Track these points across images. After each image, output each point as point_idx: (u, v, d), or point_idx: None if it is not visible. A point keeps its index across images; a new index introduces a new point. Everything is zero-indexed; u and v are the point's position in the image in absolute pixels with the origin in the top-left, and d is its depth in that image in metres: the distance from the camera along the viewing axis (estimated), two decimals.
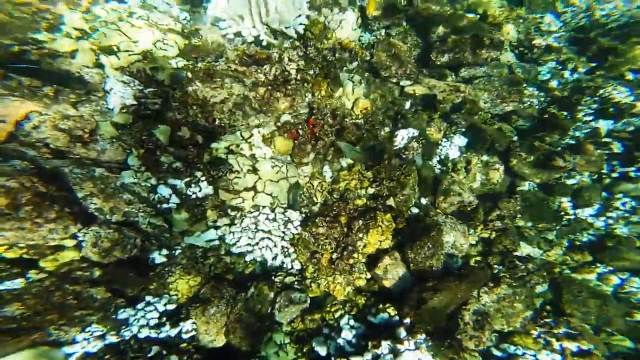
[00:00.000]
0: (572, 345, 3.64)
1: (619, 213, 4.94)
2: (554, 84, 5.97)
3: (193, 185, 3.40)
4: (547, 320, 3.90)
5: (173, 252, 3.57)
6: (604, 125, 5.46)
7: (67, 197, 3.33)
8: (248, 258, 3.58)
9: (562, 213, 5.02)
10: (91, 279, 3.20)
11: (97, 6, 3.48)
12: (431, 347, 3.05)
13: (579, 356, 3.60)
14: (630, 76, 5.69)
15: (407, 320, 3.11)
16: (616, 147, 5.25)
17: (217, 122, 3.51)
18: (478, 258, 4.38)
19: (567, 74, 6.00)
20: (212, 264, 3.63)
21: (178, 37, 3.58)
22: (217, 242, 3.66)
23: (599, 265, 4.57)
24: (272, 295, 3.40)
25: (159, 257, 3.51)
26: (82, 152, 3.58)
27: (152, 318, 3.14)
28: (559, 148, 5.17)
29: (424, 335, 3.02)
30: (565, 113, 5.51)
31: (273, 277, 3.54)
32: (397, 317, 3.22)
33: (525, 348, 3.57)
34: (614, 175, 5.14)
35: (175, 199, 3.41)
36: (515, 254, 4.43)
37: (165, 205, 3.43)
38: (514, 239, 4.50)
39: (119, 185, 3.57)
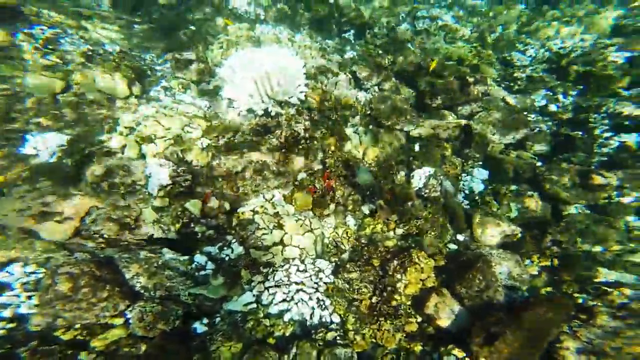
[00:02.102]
0: None
1: None
2: (553, 108, 5.97)
3: (225, 248, 3.45)
4: None
5: (213, 320, 3.46)
6: (630, 138, 5.15)
7: (117, 278, 3.52)
8: (286, 317, 3.35)
9: (637, 232, 4.38)
10: (137, 355, 3.11)
11: (142, 106, 4.25)
12: None
13: None
14: (624, 93, 5.66)
15: None
16: None
17: (240, 189, 3.75)
18: (548, 289, 3.76)
19: (561, 97, 6.04)
20: (252, 328, 3.42)
21: (202, 121, 4.17)
22: (254, 305, 3.52)
23: None
24: (314, 353, 3.03)
25: (200, 327, 3.41)
26: (129, 238, 3.87)
27: None
28: (593, 167, 4.87)
29: None
30: (580, 133, 5.34)
31: (313, 335, 3.21)
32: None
33: None
34: None
35: (210, 265, 3.44)
36: (597, 280, 3.77)
37: (202, 273, 3.45)
38: (588, 265, 3.90)
39: (161, 264, 3.72)
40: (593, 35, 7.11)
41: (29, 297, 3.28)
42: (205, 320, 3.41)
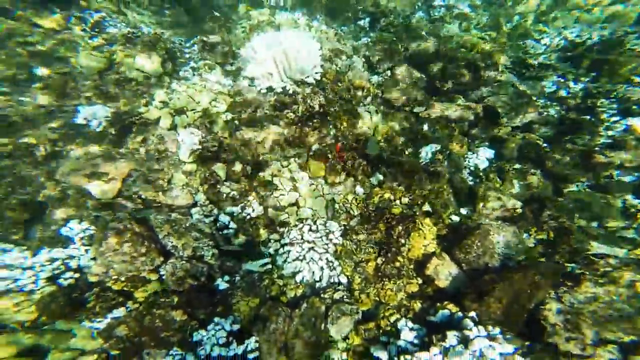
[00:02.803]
0: None
1: None
2: (563, 93, 5.83)
3: (247, 207, 3.72)
4: None
5: (233, 278, 3.73)
6: (636, 122, 5.04)
7: (152, 236, 3.84)
8: (298, 278, 3.58)
9: (633, 210, 4.36)
10: (171, 304, 3.46)
11: (174, 82, 4.55)
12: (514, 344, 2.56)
13: None
14: (637, 79, 5.46)
15: (473, 314, 2.73)
16: None
17: (260, 157, 3.99)
18: (541, 259, 3.83)
19: (571, 84, 5.90)
20: (267, 286, 3.68)
21: (226, 97, 4.43)
22: (270, 266, 3.77)
23: None
24: (323, 308, 3.26)
25: (222, 284, 3.68)
26: (162, 199, 4.21)
27: (221, 337, 3.20)
28: (596, 148, 4.81)
29: (499, 329, 2.59)
30: (587, 117, 5.24)
31: (322, 294, 3.45)
32: (460, 313, 2.84)
33: None
34: None
35: (233, 225, 3.71)
36: (589, 253, 3.82)
37: (225, 232, 3.73)
38: (581, 238, 3.94)
39: (189, 225, 4.04)
40: (614, 24, 6.82)
41: (86, 251, 3.70)
42: (227, 278, 3.68)
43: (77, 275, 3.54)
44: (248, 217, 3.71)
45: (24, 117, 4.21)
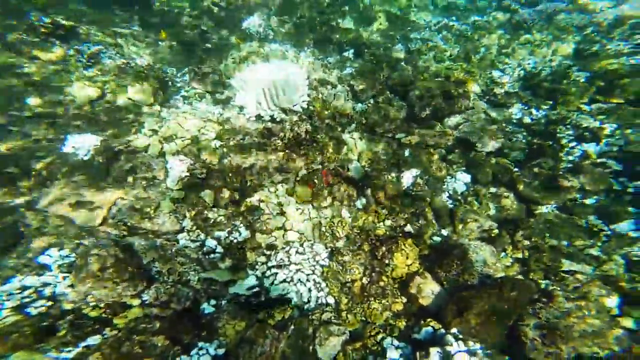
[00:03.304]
0: None
1: None
2: (527, 120, 6.36)
3: (234, 232, 3.76)
4: None
5: (220, 302, 3.70)
6: (590, 147, 5.56)
7: (136, 262, 3.81)
8: (286, 300, 3.59)
9: (596, 229, 4.69)
10: (153, 330, 3.36)
11: (164, 110, 4.68)
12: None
13: None
14: (585, 107, 6.14)
15: (454, 330, 2.82)
16: (614, 165, 5.22)
17: (248, 183, 4.10)
18: (519, 277, 4.03)
19: (534, 111, 6.44)
20: (255, 310, 3.66)
21: (215, 125, 4.58)
22: (257, 289, 3.77)
23: None
24: (311, 330, 3.28)
25: (208, 308, 3.64)
26: (148, 226, 4.20)
27: None
28: (560, 172, 5.23)
29: (479, 345, 2.69)
30: (550, 142, 5.72)
31: (310, 316, 3.47)
32: (442, 330, 2.93)
33: None
34: (630, 190, 4.91)
35: (220, 249, 3.74)
36: (560, 270, 4.05)
37: (212, 256, 3.75)
38: (553, 257, 4.20)
39: (174, 251, 4.03)
40: (559, 57, 7.62)
41: (64, 278, 3.60)
42: (213, 302, 3.64)
43: (49, 303, 3.39)
44: (235, 240, 3.75)
45: (9, 147, 4.20)
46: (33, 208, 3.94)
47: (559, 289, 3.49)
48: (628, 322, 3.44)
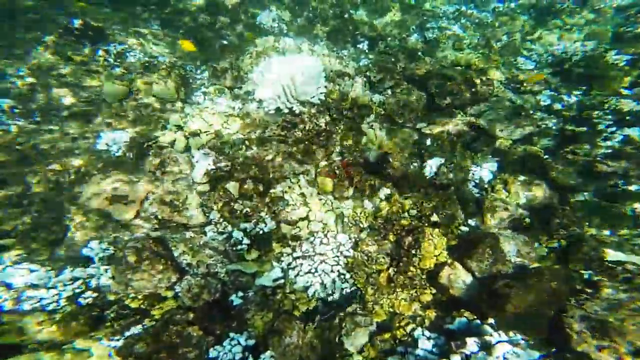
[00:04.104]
0: None
1: None
2: (558, 106, 5.95)
3: (260, 223, 3.75)
4: None
5: (247, 293, 3.72)
6: (634, 132, 5.09)
7: (168, 254, 3.89)
8: (310, 292, 3.55)
9: None
10: (187, 320, 3.43)
11: (187, 107, 4.76)
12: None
13: None
14: (624, 92, 5.67)
15: (491, 320, 2.65)
16: None
17: (271, 175, 4.08)
18: (556, 267, 3.75)
19: (565, 97, 6.02)
20: (280, 301, 3.64)
21: (237, 119, 4.62)
22: (282, 281, 3.75)
23: None
24: (337, 320, 3.21)
25: (236, 299, 3.67)
26: (177, 219, 4.27)
27: (237, 352, 3.18)
28: (598, 158, 4.83)
29: (520, 336, 2.51)
30: (584, 128, 5.31)
31: (335, 306, 3.40)
32: (477, 320, 2.76)
33: None
34: None
35: (246, 240, 3.74)
36: (605, 260, 3.74)
37: (239, 247, 3.75)
38: (594, 246, 3.88)
39: (202, 244, 4.08)
40: (595, 41, 7.07)
41: (106, 270, 3.73)
42: (241, 294, 3.69)
43: (96, 294, 3.58)
44: (261, 232, 3.73)
45: (51, 144, 4.39)
46: (75, 202, 4.10)
47: (605, 279, 3.20)
48: None
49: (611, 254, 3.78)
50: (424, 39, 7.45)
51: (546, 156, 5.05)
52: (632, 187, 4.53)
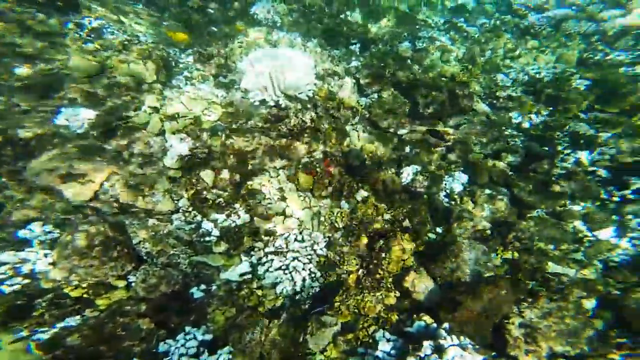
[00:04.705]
0: None
1: (638, 233, 4.76)
2: (526, 125, 6.48)
3: (233, 215, 3.74)
4: (622, 340, 3.44)
5: (210, 287, 3.67)
6: (583, 155, 5.71)
7: (126, 241, 3.74)
8: (278, 289, 3.59)
9: (581, 235, 4.86)
10: (138, 312, 3.32)
11: (167, 90, 4.59)
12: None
13: None
14: (582, 116, 6.28)
15: (446, 325, 2.88)
16: (603, 174, 5.39)
17: (250, 166, 4.07)
18: (507, 277, 4.13)
19: (534, 116, 6.56)
20: (246, 296, 3.65)
21: (218, 107, 4.52)
22: (249, 276, 3.76)
23: None
24: (303, 320, 3.29)
25: (197, 292, 3.60)
26: (141, 205, 4.13)
27: (191, 347, 3.09)
28: (553, 178, 5.36)
29: (469, 340, 2.75)
30: (546, 148, 5.85)
31: (303, 305, 3.49)
32: (434, 324, 2.98)
33: None
34: (615, 199, 5.09)
35: (216, 232, 3.71)
36: (546, 272, 4.19)
37: (207, 239, 3.71)
38: (540, 259, 4.33)
39: (166, 232, 3.98)
40: (562, 65, 7.74)
41: (45, 255, 3.50)
42: (203, 287, 3.60)
43: (27, 281, 3.27)
44: (233, 224, 3.72)
45: None
46: (16, 178, 3.81)
47: (544, 290, 3.62)
48: (598, 324, 3.61)
49: (552, 267, 4.25)
50: (414, 47, 7.76)
51: (511, 172, 5.51)
52: (575, 207, 5.12)
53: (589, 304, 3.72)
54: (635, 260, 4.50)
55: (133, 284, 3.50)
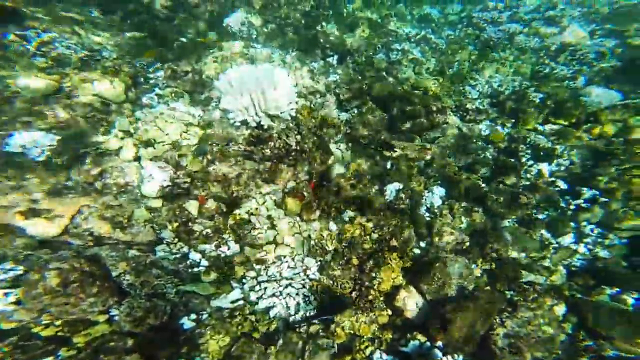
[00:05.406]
0: None
1: (592, 239, 5.52)
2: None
3: (222, 246, 3.77)
4: (587, 343, 3.93)
5: (201, 316, 3.70)
6: (544, 167, 6.48)
7: (105, 275, 3.63)
8: (272, 313, 3.71)
9: (547, 243, 5.52)
10: (125, 348, 3.25)
11: (139, 110, 4.46)
12: None
13: None
14: (540, 128, 7.08)
15: (439, 343, 3.20)
16: (562, 184, 6.13)
17: (235, 193, 4.12)
18: (487, 288, 4.60)
19: (499, 128, 7.28)
20: (239, 323, 3.72)
21: (197, 129, 4.50)
22: (241, 302, 3.83)
23: (605, 287, 4.80)
24: (300, 344, 3.45)
25: (188, 322, 3.63)
26: (120, 237, 4.01)
27: None
28: (520, 189, 6.03)
29: (460, 357, 3.08)
30: (512, 160, 6.55)
31: (298, 329, 3.64)
32: (428, 343, 3.29)
33: None
34: (571, 207, 5.81)
35: (204, 262, 3.73)
36: (521, 281, 4.71)
37: (194, 270, 3.72)
38: (514, 268, 4.85)
39: (149, 263, 3.92)
40: (519, 77, 8.59)
41: (6, 294, 3.29)
42: (193, 316, 3.64)
43: None
44: (223, 255, 3.77)
45: None
46: None
47: (522, 299, 4.10)
48: (567, 327, 4.13)
49: (525, 275, 4.82)
50: (388, 58, 8.20)
51: (483, 185, 6.11)
52: (541, 216, 5.83)
53: (560, 310, 4.25)
54: (591, 263, 5.23)
55: (118, 318, 3.41)
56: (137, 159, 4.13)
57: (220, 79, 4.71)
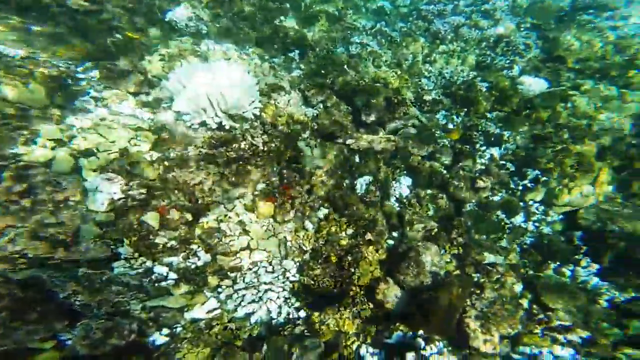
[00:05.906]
0: (574, 337, 4.04)
1: (537, 217, 6.17)
2: (450, 126, 7.73)
3: (191, 257, 3.56)
4: (540, 317, 4.39)
5: (174, 329, 3.51)
6: (494, 151, 7.15)
7: (46, 298, 3.27)
8: (253, 319, 3.62)
9: (503, 223, 6.05)
10: None
11: (70, 117, 4.03)
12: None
13: (589, 346, 3.97)
14: (489, 115, 7.79)
15: (421, 332, 3.38)
16: (511, 167, 6.78)
17: (199, 201, 3.91)
18: (457, 272, 4.94)
19: (455, 117, 7.85)
20: (218, 333, 3.57)
21: (148, 134, 4.16)
22: (219, 311, 3.68)
23: (550, 262, 5.44)
24: (286, 347, 3.42)
25: (160, 338, 3.44)
26: (63, 256, 3.59)
27: None
28: (477, 174, 6.57)
29: (441, 343, 3.28)
30: (467, 146, 7.10)
31: (282, 332, 3.60)
32: (410, 332, 3.46)
33: (539, 346, 3.89)
34: (520, 188, 6.48)
35: (173, 275, 3.50)
36: (484, 262, 5.12)
37: (163, 283, 3.48)
38: (479, 251, 5.25)
39: (105, 280, 3.58)
40: (467, 68, 9.30)
41: None
42: (166, 331, 3.47)
43: None
44: (193, 266, 3.56)
45: None
46: None
47: (487, 280, 4.49)
48: (524, 302, 4.62)
49: (487, 257, 5.27)
50: (348, 52, 8.33)
51: (445, 172, 6.54)
52: (496, 198, 6.42)
53: (518, 287, 4.72)
54: (539, 240, 5.85)
55: (71, 343, 3.14)
56: (78, 171, 3.71)
57: (169, 78, 4.40)
